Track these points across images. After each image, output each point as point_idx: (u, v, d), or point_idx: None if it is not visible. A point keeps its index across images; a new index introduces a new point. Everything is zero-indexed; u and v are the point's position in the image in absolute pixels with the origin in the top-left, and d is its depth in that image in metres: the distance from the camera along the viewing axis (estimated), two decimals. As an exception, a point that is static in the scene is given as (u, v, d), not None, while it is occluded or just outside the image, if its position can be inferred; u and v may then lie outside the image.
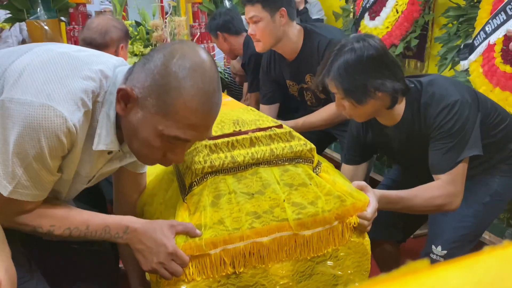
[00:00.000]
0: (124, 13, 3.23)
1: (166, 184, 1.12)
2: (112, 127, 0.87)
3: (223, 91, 2.80)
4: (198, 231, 0.92)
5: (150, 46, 2.64)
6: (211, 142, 1.03)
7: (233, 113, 1.26)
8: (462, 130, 1.21)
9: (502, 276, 0.25)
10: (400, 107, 1.30)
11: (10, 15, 3.13)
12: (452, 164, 1.21)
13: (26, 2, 3.02)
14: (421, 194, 1.21)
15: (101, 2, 5.77)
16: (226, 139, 1.04)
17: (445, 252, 1.33)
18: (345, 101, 1.26)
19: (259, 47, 1.81)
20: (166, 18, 2.04)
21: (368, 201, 1.07)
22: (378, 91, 1.21)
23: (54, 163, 0.84)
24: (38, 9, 3.06)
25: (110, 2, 4.83)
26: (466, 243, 1.35)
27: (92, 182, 1.01)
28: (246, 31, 2.58)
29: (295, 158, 1.07)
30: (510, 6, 1.93)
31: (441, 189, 1.22)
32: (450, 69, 2.43)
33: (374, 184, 1.64)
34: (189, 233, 0.92)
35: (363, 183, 1.14)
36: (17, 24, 3.74)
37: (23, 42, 4.34)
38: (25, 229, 0.89)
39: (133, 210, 1.17)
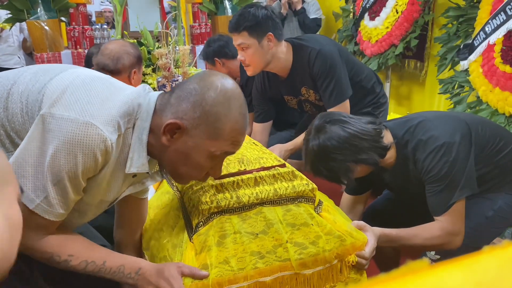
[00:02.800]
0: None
1: (173, 220, 1.15)
2: (144, 151, 0.90)
3: None
4: (204, 273, 0.96)
5: (152, 66, 2.64)
6: (217, 182, 1.06)
7: None
8: (450, 172, 1.20)
9: (502, 276, 0.25)
10: (391, 153, 1.31)
11: (10, 15, 3.13)
12: (446, 206, 1.22)
13: (27, 2, 3.02)
14: (421, 234, 1.22)
15: (101, 2, 5.77)
16: (231, 179, 1.08)
17: (438, 257, 1.33)
18: None
19: (249, 72, 1.84)
20: (170, 44, 2.07)
21: (367, 240, 1.11)
22: (354, 168, 1.25)
23: (83, 182, 0.86)
24: (39, 9, 3.06)
25: (110, 2, 4.83)
26: (462, 254, 1.33)
27: (111, 205, 1.04)
28: None
29: (298, 198, 1.11)
30: (509, 6, 1.93)
31: (440, 229, 1.22)
32: (450, 69, 2.43)
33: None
34: (195, 276, 0.95)
35: (362, 222, 1.17)
36: (17, 23, 3.74)
37: (24, 41, 4.34)
38: (42, 257, 0.89)
39: (134, 237, 1.18)
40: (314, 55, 1.78)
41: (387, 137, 1.30)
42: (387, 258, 1.58)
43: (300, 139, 1.84)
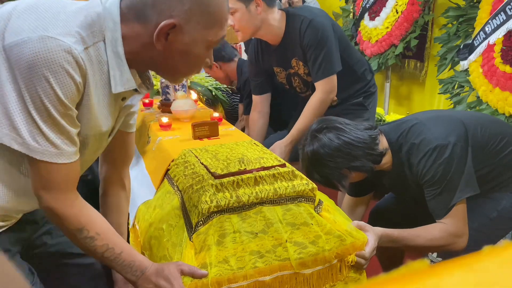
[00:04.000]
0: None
1: (173, 219, 1.16)
2: (125, 65, 0.84)
3: (215, 104, 2.80)
4: (203, 272, 0.95)
5: None
6: (217, 181, 1.07)
7: (238, 149, 1.31)
8: (446, 175, 1.19)
9: (502, 276, 0.25)
10: (387, 158, 1.31)
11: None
12: (447, 209, 1.21)
13: (26, 3, 3.02)
14: (423, 235, 1.21)
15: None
16: (231, 178, 1.08)
17: (440, 259, 1.33)
18: None
19: (239, 37, 1.82)
20: None
21: (367, 240, 1.12)
22: (349, 174, 1.26)
23: (73, 108, 0.79)
24: (38, 9, 3.06)
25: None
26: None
27: (112, 136, 1.00)
28: (237, 55, 2.59)
29: (298, 197, 1.11)
30: (509, 7, 1.93)
31: (442, 231, 1.21)
32: (450, 69, 2.43)
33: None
34: (195, 275, 0.95)
35: (362, 222, 1.17)
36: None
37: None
38: (74, 227, 0.86)
39: (121, 173, 1.14)
40: (306, 25, 1.75)
41: (383, 143, 1.30)
42: (391, 258, 1.58)
43: (295, 130, 1.82)
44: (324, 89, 1.77)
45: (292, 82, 1.96)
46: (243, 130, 2.67)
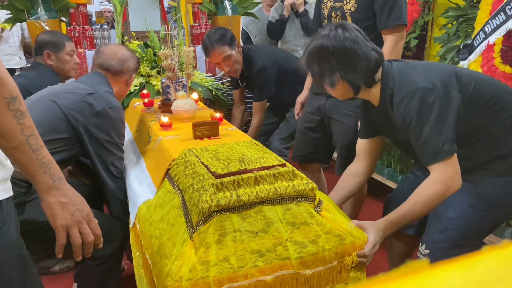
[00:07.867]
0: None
1: (173, 218, 1.16)
2: None
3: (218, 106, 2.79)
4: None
5: (157, 68, 2.65)
6: (218, 180, 1.07)
7: (238, 148, 1.32)
8: (426, 118, 1.16)
9: (502, 276, 0.25)
10: (377, 89, 1.30)
11: (10, 15, 3.12)
12: (434, 155, 1.17)
13: (27, 3, 3.02)
14: (418, 199, 1.19)
15: (101, 2, 5.76)
16: (232, 178, 1.09)
17: (427, 251, 1.31)
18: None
19: None
20: (174, 47, 2.07)
21: (367, 239, 1.12)
22: (338, 81, 1.27)
23: None
24: (39, 9, 3.06)
25: (110, 2, 4.83)
26: (453, 246, 1.28)
27: None
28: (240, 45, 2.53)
29: (298, 197, 1.12)
30: (509, 7, 1.93)
31: (432, 184, 1.18)
32: (450, 69, 2.43)
33: (384, 189, 1.61)
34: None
35: (362, 221, 1.17)
36: (19, 23, 3.74)
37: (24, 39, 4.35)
38: (6, 95, 0.76)
39: None
40: None
41: (379, 73, 1.29)
42: (401, 249, 1.58)
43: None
44: (395, 38, 1.73)
45: (332, 18, 1.92)
46: (242, 114, 2.71)
